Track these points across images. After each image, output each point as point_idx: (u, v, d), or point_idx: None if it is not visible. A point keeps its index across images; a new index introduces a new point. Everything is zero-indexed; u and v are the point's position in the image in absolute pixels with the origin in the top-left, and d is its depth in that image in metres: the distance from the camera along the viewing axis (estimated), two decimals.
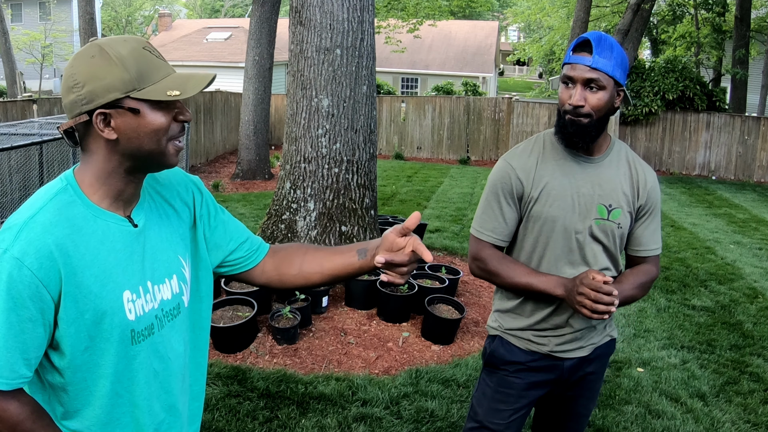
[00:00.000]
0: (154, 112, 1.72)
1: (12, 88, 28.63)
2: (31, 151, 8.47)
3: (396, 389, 5.27)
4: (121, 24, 59.16)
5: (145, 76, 1.71)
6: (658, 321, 7.22)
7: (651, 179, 2.77)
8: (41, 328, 1.68)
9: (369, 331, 6.43)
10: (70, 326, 1.71)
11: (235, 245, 2.15)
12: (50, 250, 1.66)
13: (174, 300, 1.96)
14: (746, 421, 5.10)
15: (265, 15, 15.75)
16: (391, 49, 31.02)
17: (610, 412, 5.10)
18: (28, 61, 40.07)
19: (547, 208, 2.67)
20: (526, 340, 2.81)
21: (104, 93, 1.69)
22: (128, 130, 1.72)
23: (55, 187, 1.78)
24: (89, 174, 1.79)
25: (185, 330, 2.02)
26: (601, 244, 2.71)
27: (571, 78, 2.54)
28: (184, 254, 2.02)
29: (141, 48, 1.74)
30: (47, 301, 1.67)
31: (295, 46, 7.39)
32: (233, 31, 36.75)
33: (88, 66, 1.71)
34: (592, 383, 2.96)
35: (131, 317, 1.80)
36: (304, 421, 4.76)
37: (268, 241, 7.56)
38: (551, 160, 2.71)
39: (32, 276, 1.63)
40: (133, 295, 1.81)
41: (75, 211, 1.75)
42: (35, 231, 1.66)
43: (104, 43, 1.72)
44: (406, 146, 22.60)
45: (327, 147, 7.27)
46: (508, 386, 2.85)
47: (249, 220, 11.56)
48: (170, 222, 1.99)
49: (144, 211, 1.91)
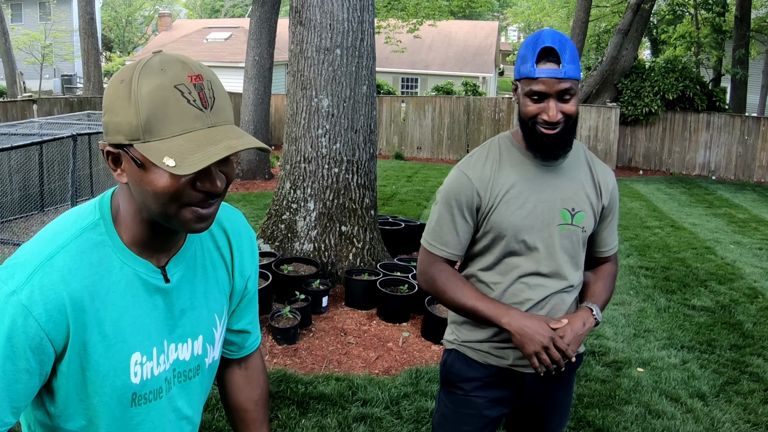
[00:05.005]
0: (157, 172, 1.40)
1: (12, 88, 28.66)
2: (31, 151, 8.50)
3: (396, 389, 5.27)
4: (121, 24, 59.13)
5: (154, 126, 1.37)
6: (658, 321, 7.21)
7: (611, 179, 2.65)
8: (37, 379, 1.50)
9: (369, 331, 6.44)
10: (68, 380, 1.54)
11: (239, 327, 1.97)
12: (63, 304, 1.45)
13: (193, 362, 1.75)
14: (746, 421, 5.10)
15: (265, 15, 15.76)
16: (391, 49, 31.02)
17: (610, 412, 5.10)
18: (28, 61, 40.06)
19: (508, 217, 2.49)
20: (484, 352, 2.61)
21: (114, 132, 1.43)
22: (133, 180, 1.45)
23: (85, 219, 1.55)
24: (122, 207, 1.55)
25: (199, 392, 1.82)
26: (565, 251, 2.55)
27: (541, 93, 2.35)
28: (221, 311, 1.81)
29: (172, 86, 1.38)
30: (49, 354, 1.48)
31: (295, 46, 7.40)
32: (233, 31, 36.74)
33: (113, 93, 1.43)
34: (561, 400, 2.78)
35: (135, 381, 1.60)
36: (304, 421, 4.76)
37: (268, 240, 7.57)
38: (508, 166, 2.54)
39: (38, 328, 1.43)
40: (143, 358, 1.61)
41: (102, 254, 1.53)
42: (51, 278, 1.45)
43: (139, 69, 1.40)
44: (406, 146, 22.61)
45: (327, 147, 7.28)
46: (467, 406, 2.66)
47: (249, 220, 11.55)
48: (216, 274, 1.78)
49: (184, 262, 1.68)
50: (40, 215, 10.43)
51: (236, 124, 17.25)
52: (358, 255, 7.46)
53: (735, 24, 24.33)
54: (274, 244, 7.55)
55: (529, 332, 2.36)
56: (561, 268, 2.54)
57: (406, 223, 9.27)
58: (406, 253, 8.89)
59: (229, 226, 1.80)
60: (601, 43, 32.21)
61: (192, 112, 1.38)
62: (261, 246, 7.64)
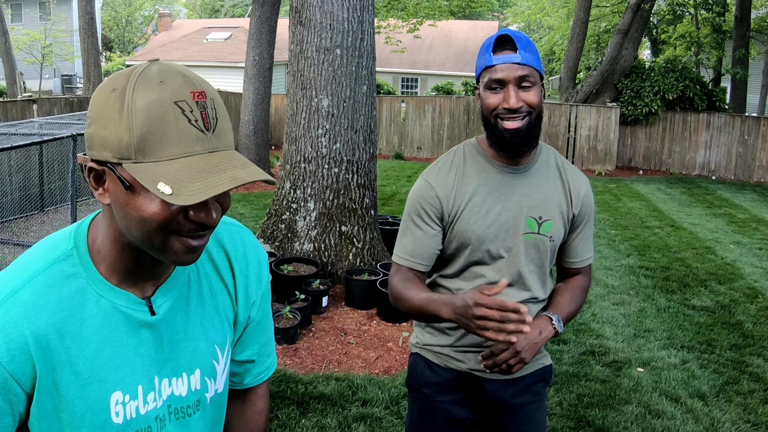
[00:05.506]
0: (148, 196, 1.24)
1: (12, 88, 28.64)
2: (31, 151, 8.50)
3: (396, 389, 5.27)
4: (121, 24, 59.15)
5: (149, 145, 1.21)
6: (658, 321, 7.21)
7: (584, 186, 2.56)
8: (9, 418, 1.36)
9: (369, 331, 6.44)
10: (42, 422, 1.40)
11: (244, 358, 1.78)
12: (26, 343, 1.32)
13: (191, 397, 1.57)
14: (746, 421, 5.10)
15: (265, 15, 15.75)
16: (391, 49, 31.00)
17: (610, 412, 5.10)
18: (28, 61, 40.05)
19: (471, 226, 2.44)
20: (445, 356, 2.59)
21: (100, 146, 1.26)
22: (117, 202, 1.28)
23: (57, 249, 1.41)
24: (100, 235, 1.40)
25: (202, 427, 1.63)
26: (531, 261, 2.49)
27: (500, 81, 2.30)
28: (223, 341, 1.63)
29: (172, 102, 1.22)
30: (17, 394, 1.34)
31: (295, 46, 7.40)
32: (233, 31, 36.74)
33: (102, 101, 1.26)
34: (530, 414, 2.66)
35: (117, 420, 1.44)
36: (304, 421, 4.76)
37: (268, 240, 7.57)
38: (472, 174, 2.48)
39: (1, 368, 1.30)
40: (126, 397, 1.44)
41: (74, 286, 1.38)
42: (12, 315, 1.32)
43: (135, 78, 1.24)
44: (406, 146, 22.60)
45: (327, 147, 7.28)
46: (432, 411, 2.65)
47: (249, 220, 11.56)
48: (215, 301, 1.61)
49: (175, 291, 1.51)
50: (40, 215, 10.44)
51: (236, 124, 17.19)
52: (358, 255, 7.46)
53: (735, 24, 24.32)
54: (274, 243, 7.55)
55: (460, 309, 2.19)
56: (525, 278, 2.50)
57: None
58: None
59: (231, 246, 1.64)
60: (601, 43, 32.21)
61: (193, 133, 1.22)
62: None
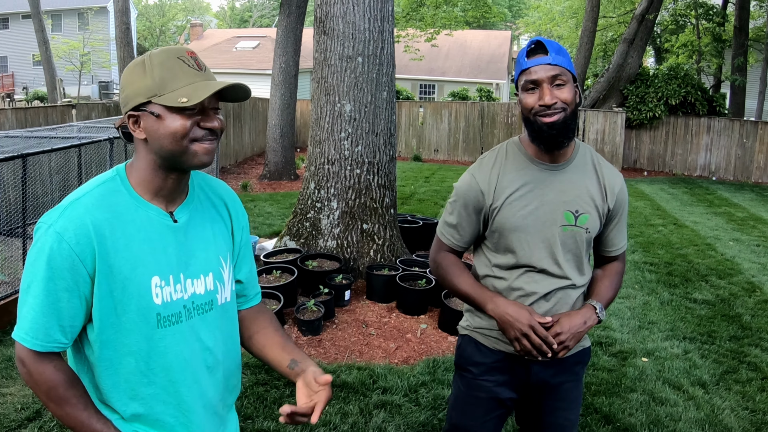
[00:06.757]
0: (173, 116, 1.76)
1: (52, 94, 28.85)
2: (70, 153, 8.53)
3: (414, 378, 5.28)
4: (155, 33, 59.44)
5: (167, 83, 1.75)
6: (661, 313, 7.19)
7: (618, 182, 2.64)
8: (77, 300, 1.74)
9: (389, 323, 6.45)
10: (101, 301, 1.75)
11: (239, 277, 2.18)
12: (87, 230, 1.72)
13: (207, 296, 1.96)
14: (744, 408, 5.08)
15: (291, 25, 15.79)
16: (409, 57, 30.96)
17: (617, 399, 5.09)
18: (68, 69, 40.31)
19: (510, 218, 2.54)
20: (493, 338, 2.67)
21: (134, 97, 1.78)
22: (152, 131, 1.77)
23: (105, 176, 1.85)
24: (135, 168, 1.86)
25: (216, 327, 1.99)
26: (568, 251, 2.57)
27: (535, 81, 2.43)
28: (225, 256, 2.04)
29: (175, 57, 1.79)
30: (83, 275, 1.72)
31: (319, 54, 7.41)
32: (261, 40, 36.82)
33: (129, 73, 1.80)
34: (567, 392, 2.74)
35: (158, 301, 1.82)
36: (328, 408, 4.77)
37: (293, 237, 7.60)
38: (513, 170, 2.58)
39: (70, 250, 1.70)
40: (162, 282, 1.83)
41: (119, 198, 1.81)
42: (77, 211, 1.74)
43: (151, 53, 1.81)
44: (424, 149, 22.60)
45: (349, 149, 7.29)
46: (477, 389, 2.73)
47: (276, 219, 11.60)
48: (216, 224, 2.04)
49: (189, 210, 1.95)
50: None
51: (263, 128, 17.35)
52: (379, 251, 7.47)
53: (734, 33, 24.31)
54: (300, 241, 7.57)
55: (510, 319, 2.45)
56: (563, 267, 2.56)
57: (423, 221, 9.27)
58: (424, 249, 8.89)
59: (224, 194, 2.12)
60: (608, 51, 32.09)
61: (192, 72, 1.78)
62: (287, 243, 7.67)
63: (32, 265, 1.73)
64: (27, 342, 1.73)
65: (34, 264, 1.72)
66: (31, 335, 1.72)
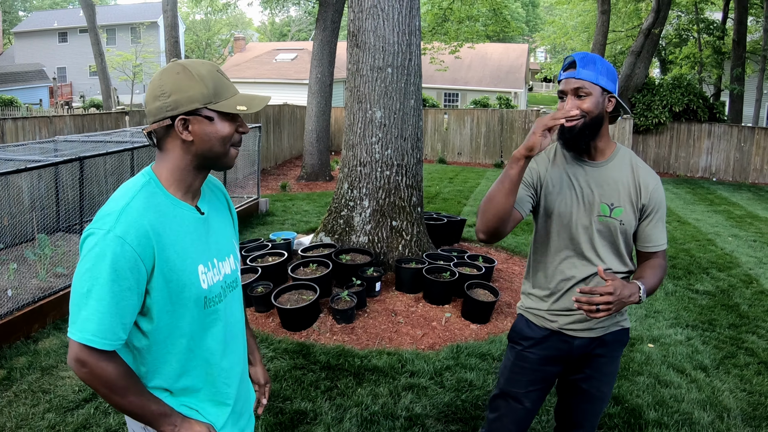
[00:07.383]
0: (223, 122, 1.88)
1: (107, 102, 29.16)
2: (124, 156, 8.62)
3: (439, 362, 5.30)
4: (201, 46, 59.76)
5: (219, 92, 1.86)
6: (666, 303, 7.17)
7: (653, 182, 2.70)
8: (136, 297, 1.78)
9: (416, 312, 6.46)
10: (158, 293, 1.82)
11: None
12: (146, 230, 1.78)
13: (233, 275, 2.10)
14: (742, 390, 5.07)
15: (327, 38, 15.84)
16: (435, 68, 30.96)
17: (625, 382, 5.09)
18: (121, 78, 40.76)
19: (553, 205, 2.71)
20: (540, 317, 2.84)
21: (187, 102, 1.83)
22: (202, 134, 1.86)
23: (140, 181, 1.90)
24: (165, 169, 1.92)
25: (239, 300, 2.17)
26: (604, 239, 2.68)
27: (563, 92, 2.60)
28: (235, 240, 2.20)
29: (215, 71, 1.89)
30: (142, 273, 1.77)
31: (352, 65, 7.44)
32: (298, 53, 36.91)
33: (174, 80, 1.85)
34: (602, 365, 2.85)
35: (204, 286, 1.93)
36: (360, 389, 4.81)
37: (328, 234, 7.63)
38: (559, 165, 2.74)
39: (132, 251, 1.74)
40: (205, 268, 1.94)
41: (158, 200, 1.87)
42: (132, 215, 1.78)
43: (186, 64, 1.87)
44: (448, 152, 22.58)
45: (380, 153, 7.31)
46: (523, 360, 2.88)
47: (312, 216, 11.65)
48: (224, 213, 2.17)
49: (206, 203, 2.05)
50: None
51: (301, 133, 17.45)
52: (407, 246, 7.49)
53: (733, 46, 24.38)
54: (334, 236, 7.60)
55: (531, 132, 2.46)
56: (600, 253, 2.69)
57: (448, 218, 9.27)
58: (448, 244, 8.90)
59: (223, 189, 2.24)
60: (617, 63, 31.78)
61: (230, 84, 1.92)
62: (323, 238, 7.70)
63: (91, 270, 1.72)
64: (96, 343, 1.73)
65: (93, 269, 1.72)
66: (100, 336, 1.73)
